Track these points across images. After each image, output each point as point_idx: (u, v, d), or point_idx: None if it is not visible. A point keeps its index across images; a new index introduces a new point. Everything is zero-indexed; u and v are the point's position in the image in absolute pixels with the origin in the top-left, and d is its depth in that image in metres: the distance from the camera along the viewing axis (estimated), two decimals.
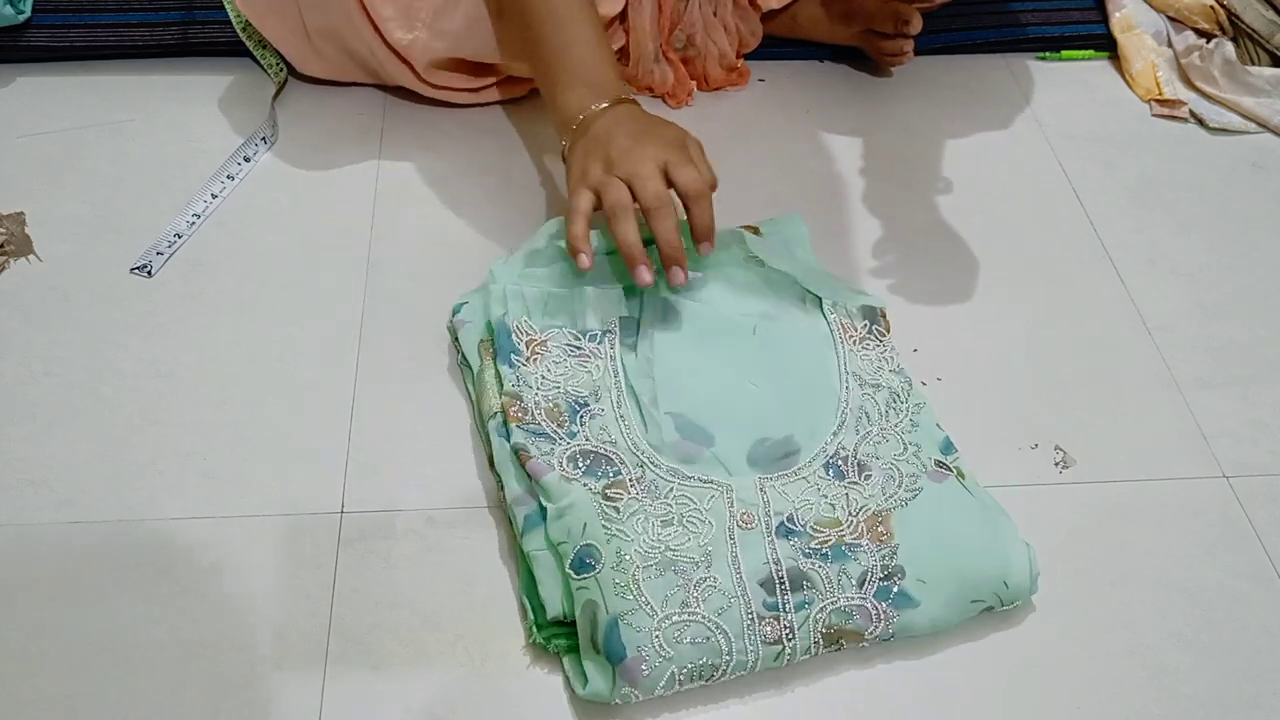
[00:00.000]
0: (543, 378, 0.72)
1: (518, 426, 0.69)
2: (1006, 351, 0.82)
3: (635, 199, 0.72)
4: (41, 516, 0.68)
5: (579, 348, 0.74)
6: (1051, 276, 0.88)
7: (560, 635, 0.64)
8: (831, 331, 0.77)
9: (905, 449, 0.71)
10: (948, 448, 0.72)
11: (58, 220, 0.86)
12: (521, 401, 0.71)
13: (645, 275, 0.72)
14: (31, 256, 0.83)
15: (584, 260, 0.73)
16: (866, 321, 0.78)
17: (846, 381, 0.74)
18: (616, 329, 0.75)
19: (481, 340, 0.75)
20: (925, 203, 0.92)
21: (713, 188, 0.74)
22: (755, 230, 0.82)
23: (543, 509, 0.66)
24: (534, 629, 0.64)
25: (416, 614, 0.65)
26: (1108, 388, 0.81)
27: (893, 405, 0.74)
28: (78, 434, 0.73)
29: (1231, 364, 0.83)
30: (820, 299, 0.78)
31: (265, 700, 0.62)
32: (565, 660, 0.63)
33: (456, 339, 0.77)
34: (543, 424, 0.70)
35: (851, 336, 0.77)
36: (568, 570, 0.63)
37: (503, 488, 0.68)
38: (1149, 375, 0.81)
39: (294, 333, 0.79)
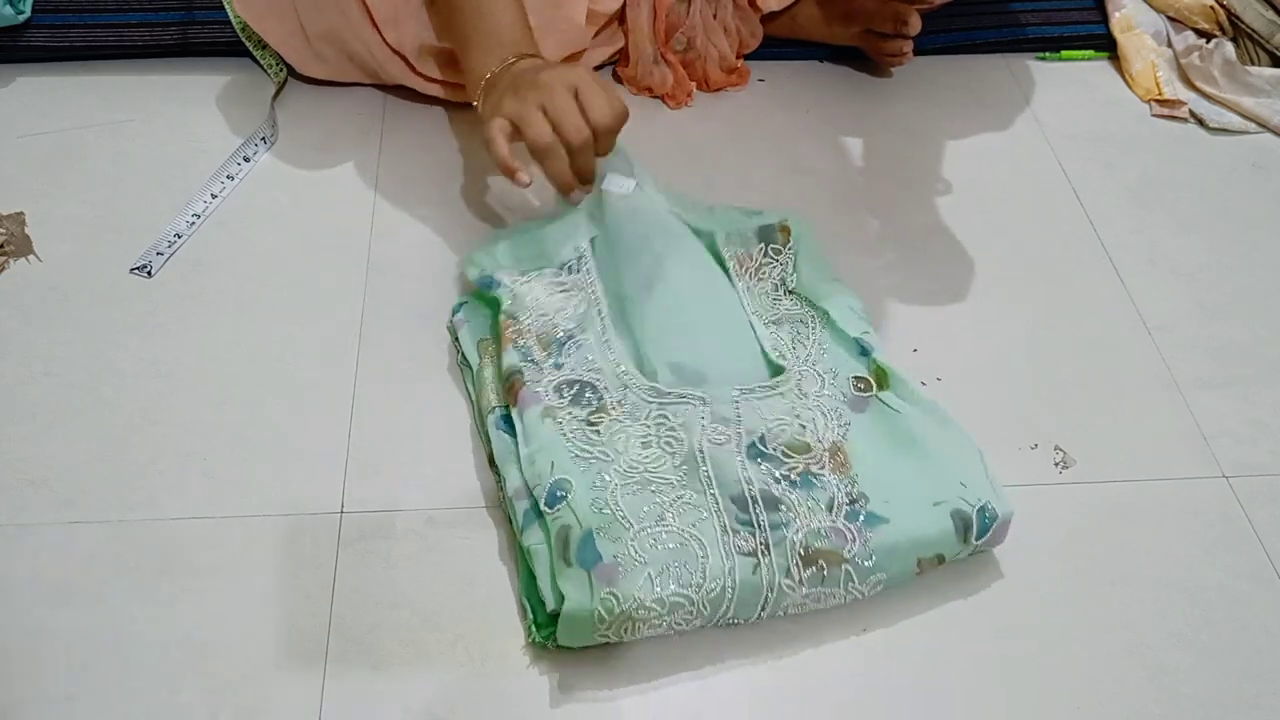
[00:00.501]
0: (536, 299, 0.74)
1: (513, 346, 0.71)
2: (1006, 351, 0.82)
3: (556, 132, 0.72)
4: (42, 516, 0.68)
5: (562, 282, 0.76)
6: (1051, 276, 0.88)
7: (556, 634, 0.63)
8: (727, 270, 0.78)
9: (823, 383, 0.72)
10: (863, 352, 0.73)
11: (57, 220, 0.86)
12: (518, 322, 0.73)
13: (576, 195, 0.75)
14: (31, 257, 0.83)
15: (522, 176, 0.73)
16: (762, 244, 0.79)
17: (754, 328, 0.75)
18: (589, 253, 0.77)
19: (481, 339, 0.76)
20: (925, 203, 0.92)
21: (622, 119, 0.74)
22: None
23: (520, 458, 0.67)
24: (533, 628, 0.64)
25: (416, 614, 0.65)
26: (1107, 388, 0.81)
27: (799, 338, 0.75)
28: (78, 434, 0.73)
29: (1231, 364, 0.83)
30: (712, 234, 0.79)
31: (265, 700, 0.62)
32: (534, 605, 0.63)
33: (456, 339, 0.77)
34: (533, 350, 0.71)
35: (747, 268, 0.78)
36: (542, 508, 0.64)
37: (502, 485, 0.69)
38: (1149, 375, 0.81)
39: (294, 333, 0.79)
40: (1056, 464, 0.76)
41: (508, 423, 0.70)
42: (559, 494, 0.65)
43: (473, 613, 0.66)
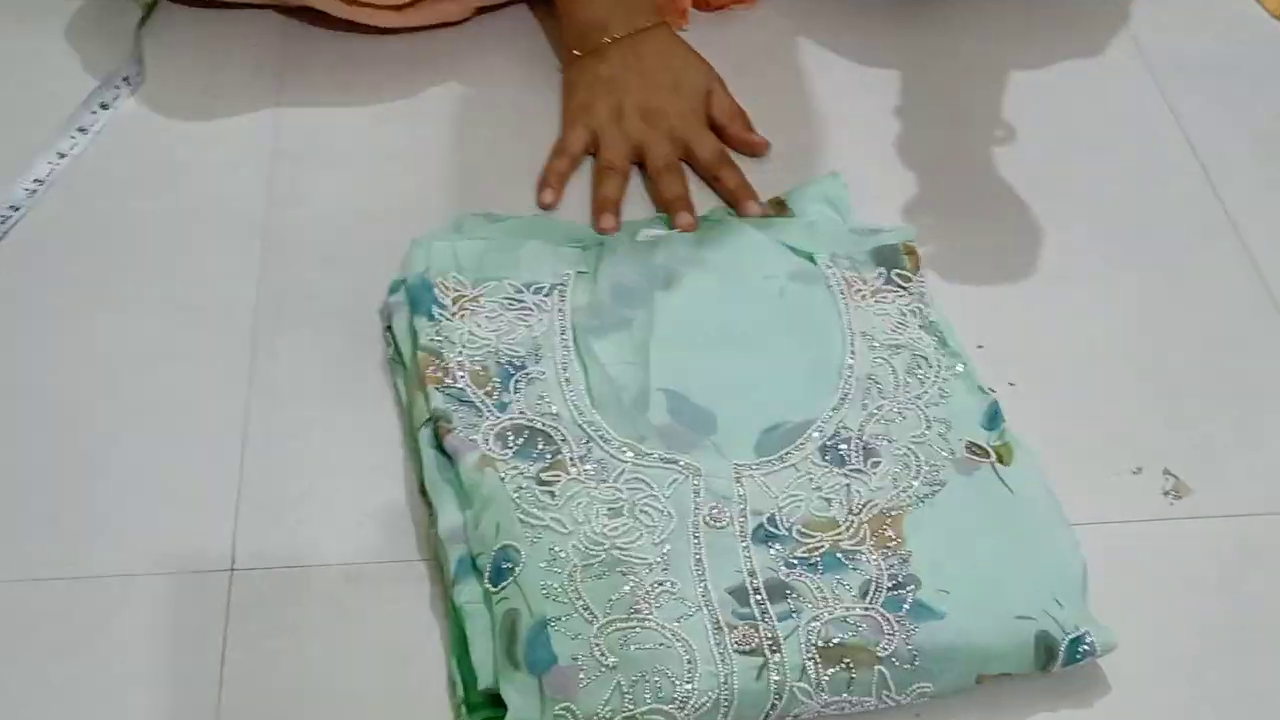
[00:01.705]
0: (470, 334, 0.75)
1: (437, 389, 0.72)
2: (1098, 349, 0.82)
3: (639, 161, 0.83)
4: None
5: (519, 300, 0.77)
6: (1156, 251, 0.88)
7: (497, 717, 0.62)
8: (831, 289, 0.79)
9: (928, 427, 0.73)
10: (992, 420, 0.74)
11: None
12: (441, 360, 0.73)
13: (609, 220, 0.83)
14: None
15: (548, 195, 0.84)
16: (882, 269, 0.81)
17: (851, 344, 0.76)
18: (570, 282, 0.78)
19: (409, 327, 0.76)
20: (984, 155, 0.92)
21: (754, 149, 0.89)
22: (781, 205, 0.85)
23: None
24: (462, 709, 0.63)
25: (331, 703, 0.65)
26: (1231, 394, 0.80)
27: (915, 370, 0.75)
28: None
29: None
30: (811, 255, 0.81)
31: None
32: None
33: (390, 327, 0.78)
34: (467, 390, 0.72)
35: (860, 291, 0.79)
36: (485, 585, 0.64)
37: (433, 520, 0.69)
38: None
39: (166, 334, 0.79)
40: (1166, 493, 0.75)
41: (427, 397, 0.72)
42: (504, 565, 0.65)
43: (407, 698, 0.65)
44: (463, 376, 0.73)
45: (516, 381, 0.73)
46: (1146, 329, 0.84)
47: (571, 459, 0.70)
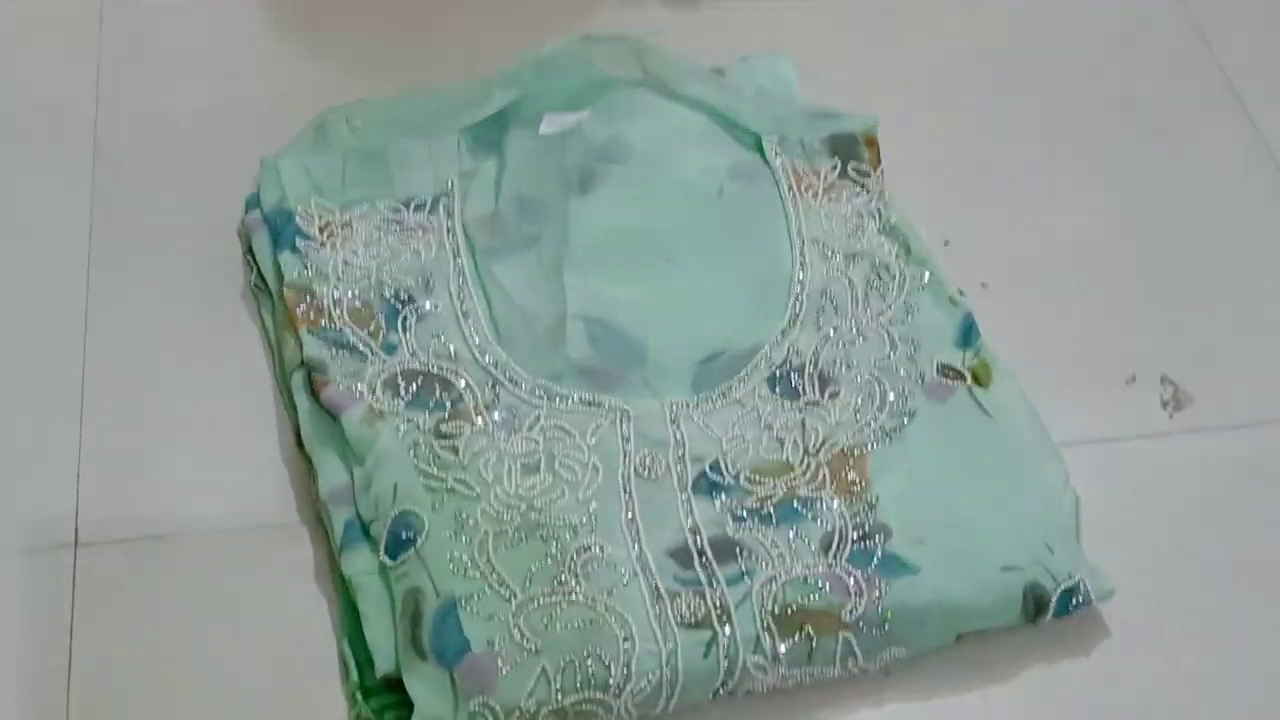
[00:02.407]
0: (345, 264, 0.73)
1: (310, 332, 0.71)
2: (1082, 241, 0.82)
3: None
4: None
5: (398, 221, 0.76)
6: (1147, 125, 0.88)
7: (398, 704, 0.62)
8: (778, 185, 0.79)
9: (893, 349, 0.73)
10: (966, 336, 0.74)
11: None
12: (312, 297, 0.72)
13: None
14: None
15: None
16: (837, 160, 0.80)
17: (802, 254, 0.76)
18: (454, 192, 0.77)
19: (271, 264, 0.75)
20: (948, 20, 0.92)
21: None
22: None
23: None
24: (357, 696, 0.63)
25: (203, 698, 0.64)
26: (1237, 293, 0.81)
27: (876, 283, 0.75)
28: None
29: None
30: (757, 140, 0.81)
31: None
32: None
33: (250, 250, 0.77)
34: (346, 331, 0.71)
35: (811, 188, 0.79)
36: (382, 558, 0.64)
37: (314, 479, 0.68)
38: None
39: None
40: (1165, 404, 0.76)
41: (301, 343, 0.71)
42: (403, 534, 0.64)
43: (291, 686, 0.65)
44: (340, 315, 0.71)
45: (404, 319, 0.72)
46: (1137, 215, 0.84)
47: (476, 407, 0.69)
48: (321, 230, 0.75)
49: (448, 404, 0.69)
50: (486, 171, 0.79)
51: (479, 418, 0.68)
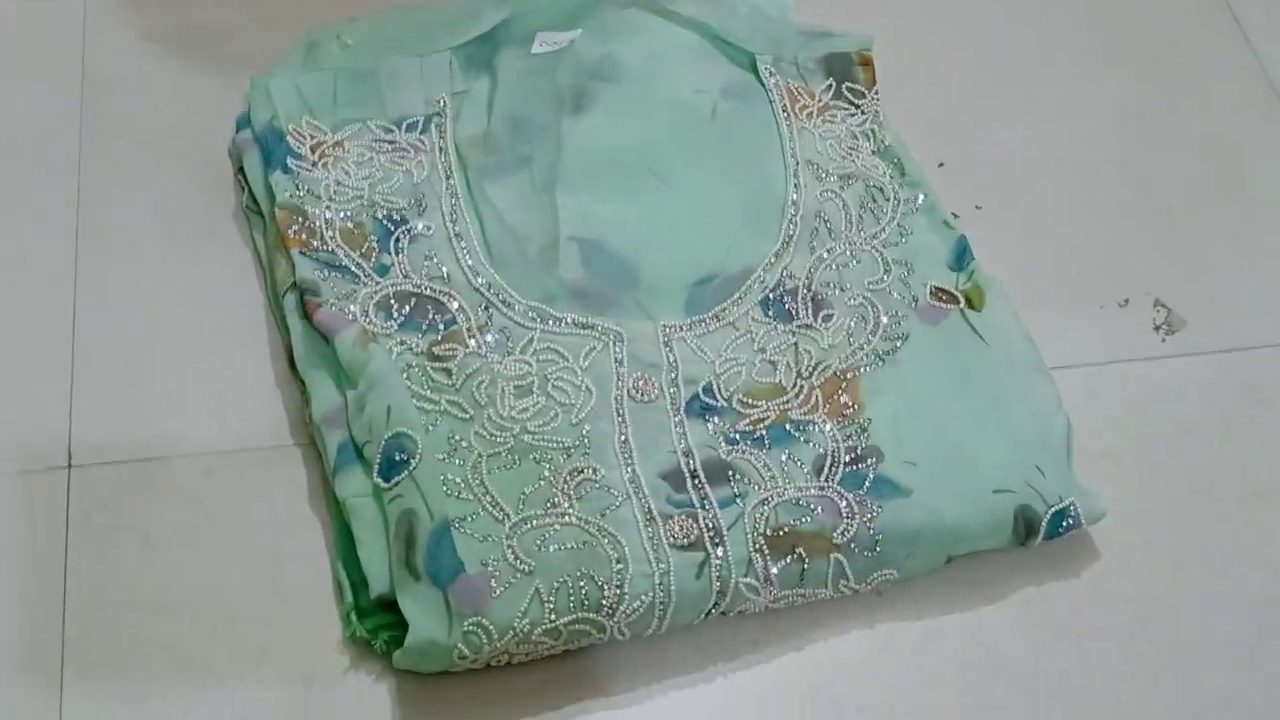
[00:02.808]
0: (337, 184, 0.73)
1: (302, 254, 0.70)
2: (1076, 161, 0.82)
3: None
4: None
5: (390, 141, 0.75)
6: (1140, 42, 0.88)
7: (393, 624, 0.63)
8: (771, 104, 0.79)
9: (887, 271, 0.73)
10: (960, 259, 0.74)
11: None
12: (305, 217, 0.72)
13: None
14: None
15: None
16: (831, 80, 0.80)
17: (796, 175, 0.76)
18: (447, 111, 0.76)
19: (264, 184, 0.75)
20: None
21: None
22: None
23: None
24: (351, 616, 0.63)
25: (196, 617, 0.64)
26: (1231, 212, 0.81)
27: (870, 205, 0.76)
28: None
29: None
30: (752, 55, 0.80)
31: None
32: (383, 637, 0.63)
33: (241, 170, 0.77)
34: (338, 252, 0.71)
35: (805, 108, 0.79)
36: (375, 479, 0.64)
37: (307, 401, 0.68)
38: None
39: None
40: (1158, 328, 0.76)
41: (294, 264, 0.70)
42: (397, 456, 0.64)
43: (285, 608, 0.65)
44: (332, 237, 0.71)
45: (397, 240, 0.72)
46: (1131, 135, 0.84)
47: (469, 329, 0.69)
48: (313, 150, 0.74)
49: (440, 326, 0.69)
50: (479, 90, 0.78)
51: (472, 340, 0.68)
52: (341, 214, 0.72)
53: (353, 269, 0.70)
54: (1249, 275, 0.79)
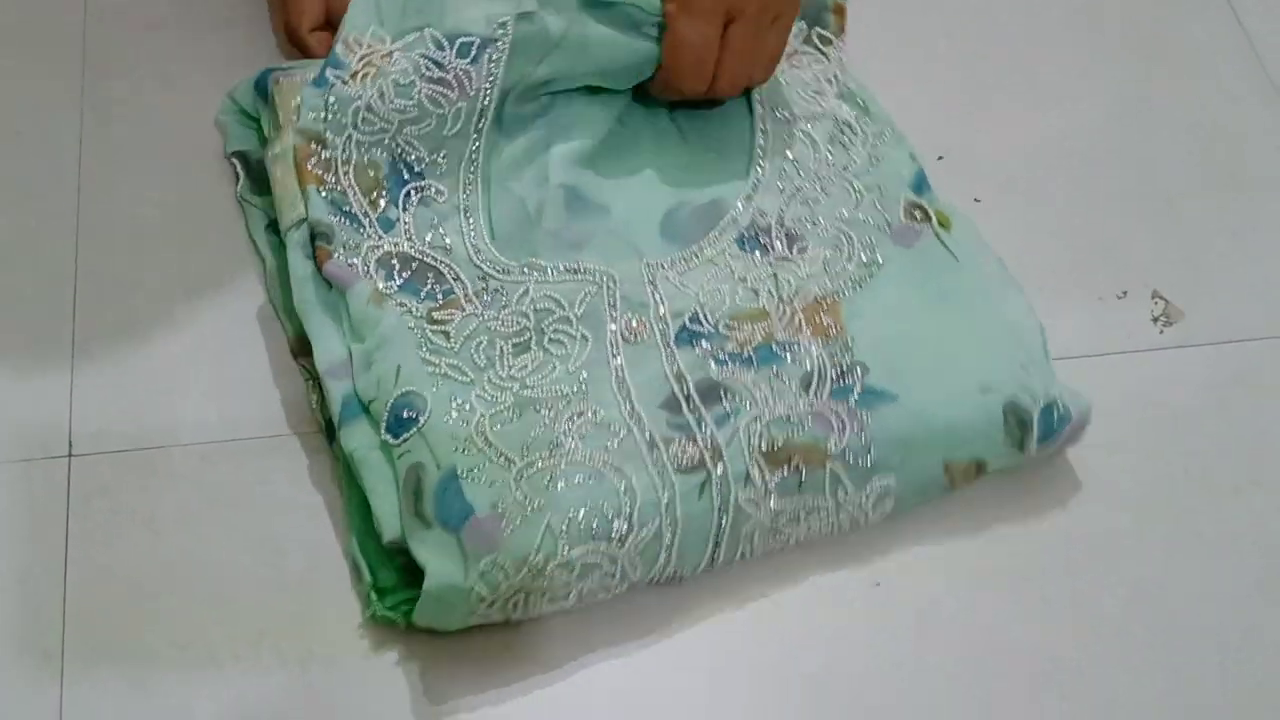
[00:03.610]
0: (368, 109, 0.71)
1: (318, 191, 0.70)
2: (1074, 153, 0.82)
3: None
4: None
5: (438, 64, 0.72)
6: (1138, 32, 0.88)
7: (411, 600, 0.62)
8: None
9: (860, 199, 0.74)
10: (919, 188, 0.75)
11: None
12: (324, 148, 0.71)
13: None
14: None
15: None
16: (802, 24, 0.81)
17: (762, 122, 0.77)
18: (507, 41, 0.73)
19: (295, 103, 0.72)
20: None
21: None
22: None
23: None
24: (372, 596, 0.63)
25: (196, 600, 0.65)
26: (1229, 202, 0.81)
27: (839, 138, 0.76)
28: None
29: None
30: None
31: None
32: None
33: (234, 155, 0.76)
34: (349, 194, 0.70)
35: None
36: (384, 435, 0.64)
37: (291, 335, 0.69)
38: None
39: None
40: (1155, 319, 0.76)
41: (306, 198, 0.70)
42: (406, 414, 0.64)
43: (284, 591, 0.65)
44: (348, 174, 0.71)
45: (408, 194, 0.71)
46: (1129, 126, 0.84)
47: (466, 296, 0.69)
48: (360, 60, 0.72)
49: (439, 295, 0.69)
50: (540, 22, 0.74)
51: (469, 304, 0.69)
52: (361, 145, 0.71)
53: (359, 217, 0.70)
54: (1248, 267, 0.79)
